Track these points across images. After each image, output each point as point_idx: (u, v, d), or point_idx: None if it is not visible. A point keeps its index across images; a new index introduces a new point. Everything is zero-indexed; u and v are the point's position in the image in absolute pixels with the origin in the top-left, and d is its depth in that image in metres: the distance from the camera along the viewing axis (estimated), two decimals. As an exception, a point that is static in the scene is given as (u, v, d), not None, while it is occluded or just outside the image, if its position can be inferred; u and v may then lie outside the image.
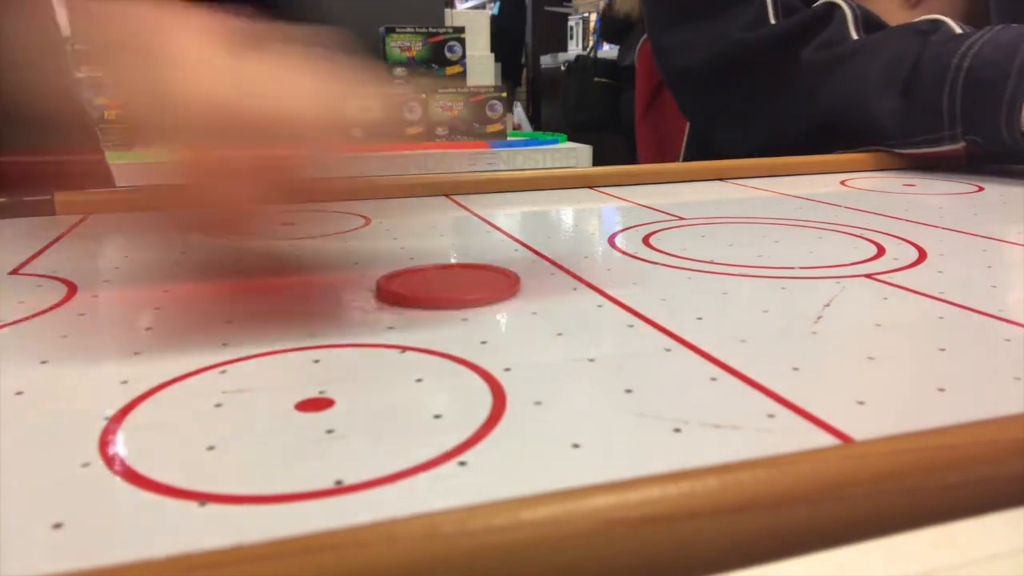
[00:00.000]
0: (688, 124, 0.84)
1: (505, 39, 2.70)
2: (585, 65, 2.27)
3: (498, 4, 3.51)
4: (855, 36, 0.65)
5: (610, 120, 2.22)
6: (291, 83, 0.27)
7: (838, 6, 0.66)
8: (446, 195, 0.51)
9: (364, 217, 0.43)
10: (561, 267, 0.32)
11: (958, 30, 0.59)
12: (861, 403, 0.19)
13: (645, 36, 0.94)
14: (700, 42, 0.74)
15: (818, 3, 0.67)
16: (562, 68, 2.46)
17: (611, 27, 2.24)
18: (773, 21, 0.69)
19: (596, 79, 2.22)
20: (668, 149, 0.92)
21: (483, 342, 0.23)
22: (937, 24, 0.60)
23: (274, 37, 0.29)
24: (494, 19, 2.23)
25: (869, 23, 0.66)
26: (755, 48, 0.69)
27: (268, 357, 0.22)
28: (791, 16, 0.68)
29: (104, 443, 0.17)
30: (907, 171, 0.60)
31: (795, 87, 0.67)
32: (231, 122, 0.25)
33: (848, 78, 0.63)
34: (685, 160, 0.84)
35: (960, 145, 0.56)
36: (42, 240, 0.37)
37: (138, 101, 0.26)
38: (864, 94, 0.62)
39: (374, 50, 1.62)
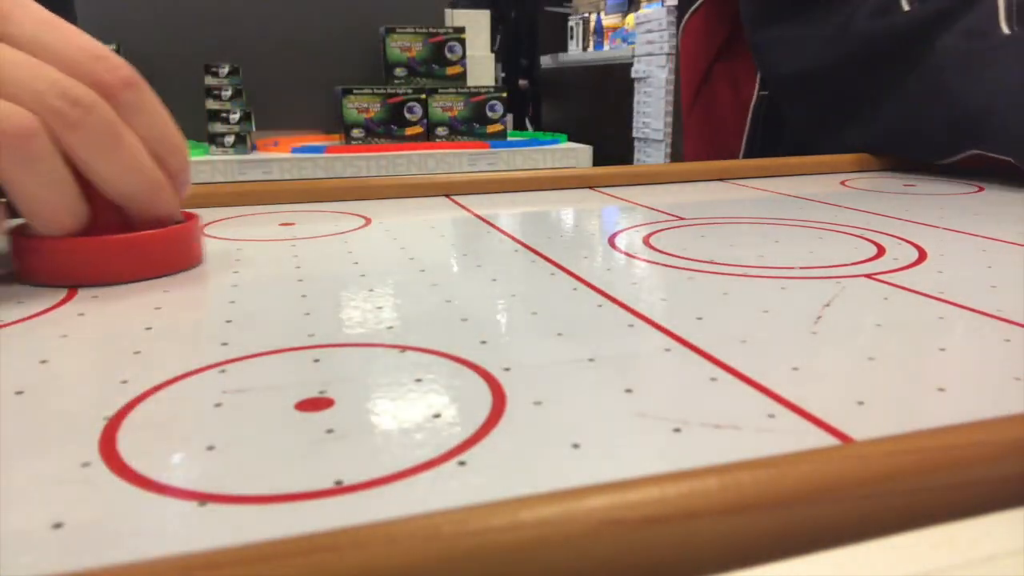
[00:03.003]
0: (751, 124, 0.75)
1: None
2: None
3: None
4: (1006, 31, 0.54)
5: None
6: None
7: None
8: (446, 195, 0.51)
9: (364, 217, 0.43)
10: (561, 267, 0.32)
11: None
12: (861, 403, 0.19)
13: (692, 11, 0.82)
14: (815, 38, 0.62)
15: None
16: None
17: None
18: (907, 7, 0.58)
19: None
20: (721, 146, 0.82)
21: (483, 342, 0.23)
22: None
23: None
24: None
25: None
26: (885, 39, 0.58)
27: (268, 357, 0.22)
28: None
29: (104, 443, 0.17)
30: (907, 171, 0.60)
31: (929, 80, 0.56)
32: None
33: (999, 80, 0.52)
34: (746, 157, 0.75)
35: None
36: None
37: None
38: (1020, 99, 0.51)
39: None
